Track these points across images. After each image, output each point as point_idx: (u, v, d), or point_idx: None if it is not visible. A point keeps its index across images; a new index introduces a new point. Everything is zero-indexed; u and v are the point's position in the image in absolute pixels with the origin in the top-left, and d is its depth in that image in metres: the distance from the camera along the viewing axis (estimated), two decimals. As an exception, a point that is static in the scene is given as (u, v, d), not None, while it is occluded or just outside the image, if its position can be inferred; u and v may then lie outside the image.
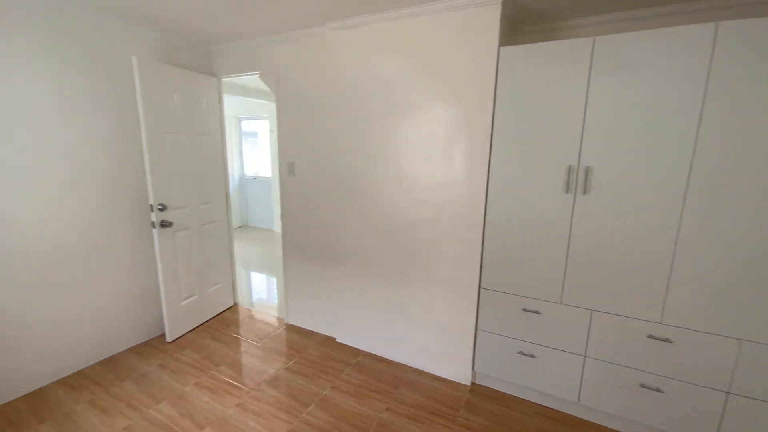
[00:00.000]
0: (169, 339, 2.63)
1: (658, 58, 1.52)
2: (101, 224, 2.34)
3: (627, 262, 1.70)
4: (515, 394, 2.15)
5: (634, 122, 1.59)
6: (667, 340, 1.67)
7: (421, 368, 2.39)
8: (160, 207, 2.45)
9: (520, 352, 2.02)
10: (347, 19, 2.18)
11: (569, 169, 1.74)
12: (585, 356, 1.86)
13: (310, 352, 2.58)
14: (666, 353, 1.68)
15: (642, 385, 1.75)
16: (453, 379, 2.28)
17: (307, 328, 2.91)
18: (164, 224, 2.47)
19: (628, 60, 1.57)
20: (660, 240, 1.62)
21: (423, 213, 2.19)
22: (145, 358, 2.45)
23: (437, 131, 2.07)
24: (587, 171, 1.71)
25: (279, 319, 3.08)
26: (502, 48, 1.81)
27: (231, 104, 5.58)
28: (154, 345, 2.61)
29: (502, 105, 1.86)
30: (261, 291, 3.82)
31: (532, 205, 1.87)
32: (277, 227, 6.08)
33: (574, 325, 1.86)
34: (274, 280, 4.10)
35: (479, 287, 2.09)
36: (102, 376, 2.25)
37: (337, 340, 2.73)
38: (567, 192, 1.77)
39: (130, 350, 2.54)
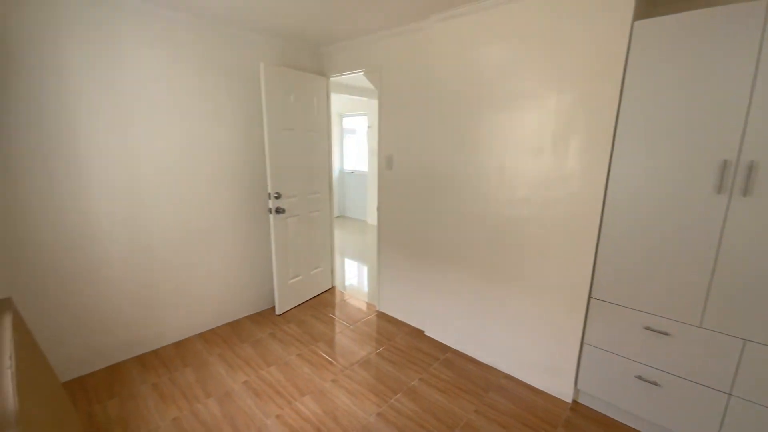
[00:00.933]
0: (277, 312, 2.98)
1: None
2: (228, 210, 2.75)
3: (807, 286, 1.32)
4: (627, 423, 1.88)
5: (833, 104, 1.22)
6: None
7: (514, 375, 2.26)
8: (276, 195, 2.77)
9: (639, 377, 1.74)
10: (453, 9, 2.14)
11: (724, 164, 1.42)
12: (730, 394, 1.51)
13: (399, 341, 2.65)
14: None
15: (819, 445, 1.36)
16: (551, 393, 2.10)
17: (397, 317, 2.99)
18: (278, 211, 2.80)
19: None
20: None
21: (526, 211, 2.04)
22: (259, 326, 2.83)
23: (547, 122, 1.89)
24: (751, 167, 1.37)
25: (370, 305, 3.23)
26: (637, 22, 1.56)
27: (334, 102, 5.96)
28: (266, 316, 2.99)
29: (632, 88, 1.61)
30: (354, 277, 4.05)
31: (666, 206, 1.58)
32: (371, 219, 6.36)
33: (717, 354, 1.53)
34: (366, 268, 4.31)
35: (589, 296, 1.87)
36: (228, 336, 2.68)
37: (426, 333, 2.74)
38: (719, 192, 1.45)
39: (248, 317, 2.96)
